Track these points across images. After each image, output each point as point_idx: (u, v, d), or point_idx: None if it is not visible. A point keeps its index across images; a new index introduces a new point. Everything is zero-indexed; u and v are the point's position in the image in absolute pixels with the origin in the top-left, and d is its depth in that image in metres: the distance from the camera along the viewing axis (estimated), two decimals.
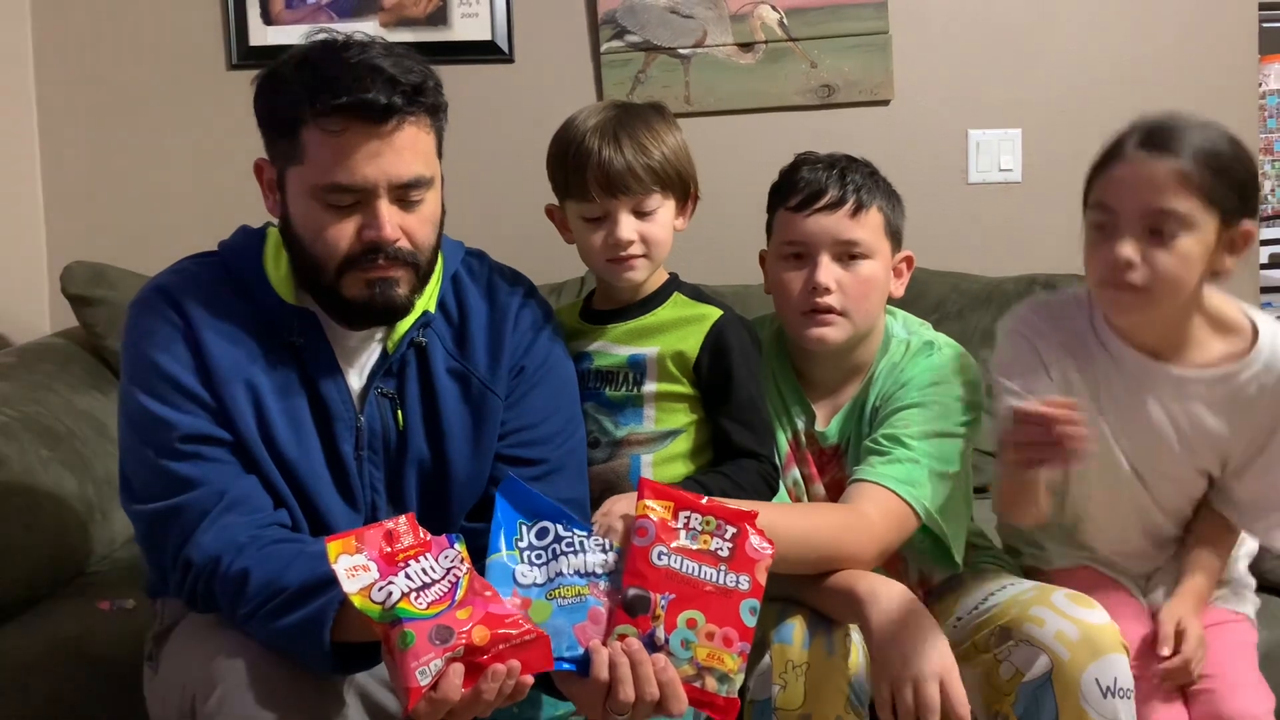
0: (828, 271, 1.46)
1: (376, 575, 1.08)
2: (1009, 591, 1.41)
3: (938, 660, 1.23)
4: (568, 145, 1.46)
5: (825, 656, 1.29)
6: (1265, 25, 2.52)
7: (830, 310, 1.46)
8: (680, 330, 1.47)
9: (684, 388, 1.46)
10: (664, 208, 1.47)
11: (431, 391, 1.36)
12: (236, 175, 1.59)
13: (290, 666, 1.14)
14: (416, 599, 1.06)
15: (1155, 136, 1.36)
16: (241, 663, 1.13)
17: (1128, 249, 1.33)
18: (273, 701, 1.11)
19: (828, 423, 1.54)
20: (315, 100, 1.22)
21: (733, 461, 1.44)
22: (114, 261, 2.17)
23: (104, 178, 2.41)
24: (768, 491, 1.43)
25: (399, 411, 1.35)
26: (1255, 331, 1.43)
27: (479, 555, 1.18)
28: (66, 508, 1.79)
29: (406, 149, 1.26)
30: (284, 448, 1.29)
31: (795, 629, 1.31)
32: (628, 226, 1.44)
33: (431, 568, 1.10)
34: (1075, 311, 1.49)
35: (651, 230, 1.46)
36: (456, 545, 1.13)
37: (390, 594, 1.06)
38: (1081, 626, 1.28)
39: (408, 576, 1.08)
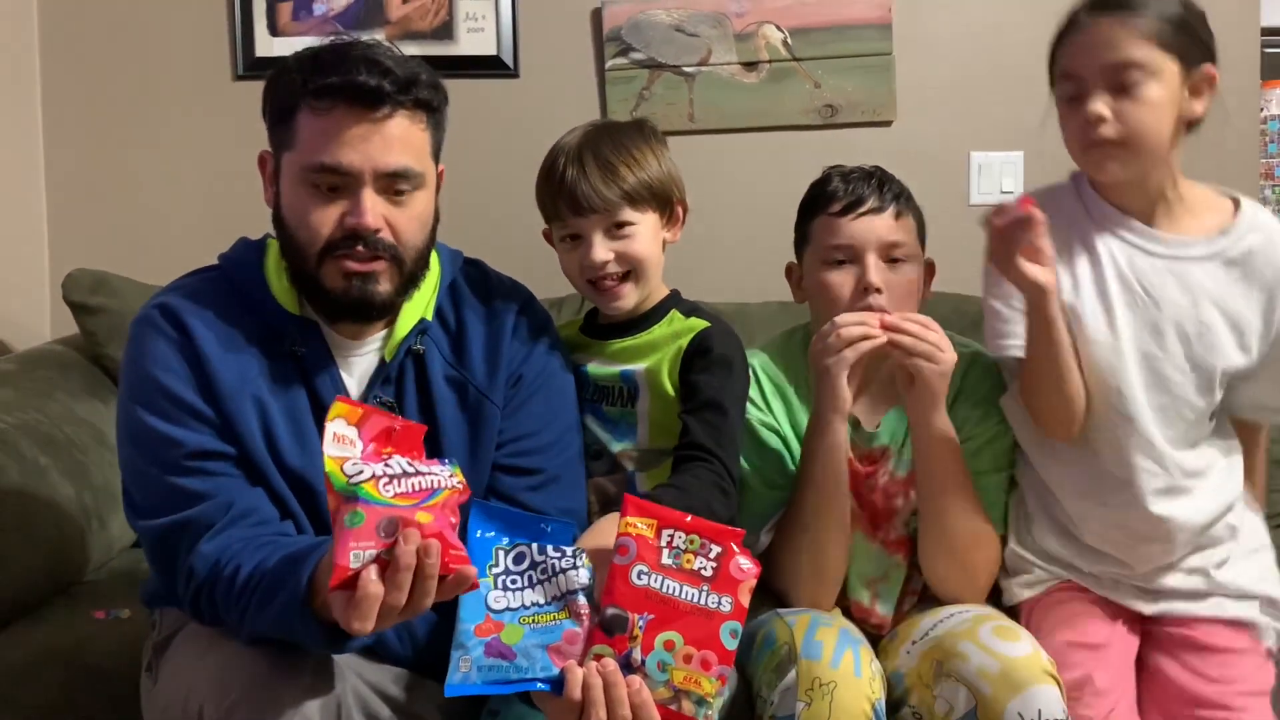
0: (877, 272, 1.47)
1: (356, 455, 1.06)
2: (948, 623, 1.40)
3: None
4: (543, 169, 1.48)
5: (853, 676, 1.27)
6: (1267, 50, 2.52)
7: (881, 310, 1.45)
8: (671, 346, 1.47)
9: (678, 406, 1.44)
10: (643, 223, 1.45)
11: (429, 399, 1.36)
12: (241, 185, 1.59)
13: (295, 679, 1.14)
14: (385, 486, 1.04)
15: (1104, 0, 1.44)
16: (249, 672, 1.14)
17: (1098, 105, 1.40)
18: (281, 712, 1.11)
19: (876, 424, 1.53)
20: (310, 82, 1.25)
21: (688, 467, 1.36)
22: (116, 270, 2.17)
23: (107, 186, 2.41)
24: (721, 499, 1.36)
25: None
26: (1236, 203, 1.50)
27: None
28: (64, 515, 1.79)
29: (396, 139, 1.27)
30: (289, 458, 1.29)
31: (825, 645, 1.30)
32: (601, 247, 1.44)
33: (416, 468, 1.07)
34: (1064, 196, 1.53)
35: (630, 247, 1.45)
36: (449, 466, 1.10)
37: (361, 472, 1.04)
38: (1002, 661, 1.27)
39: (386, 465, 1.06)
